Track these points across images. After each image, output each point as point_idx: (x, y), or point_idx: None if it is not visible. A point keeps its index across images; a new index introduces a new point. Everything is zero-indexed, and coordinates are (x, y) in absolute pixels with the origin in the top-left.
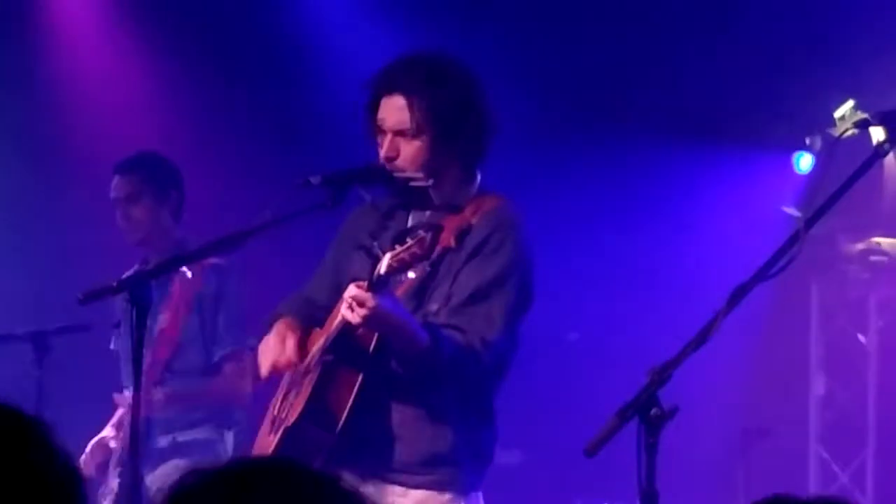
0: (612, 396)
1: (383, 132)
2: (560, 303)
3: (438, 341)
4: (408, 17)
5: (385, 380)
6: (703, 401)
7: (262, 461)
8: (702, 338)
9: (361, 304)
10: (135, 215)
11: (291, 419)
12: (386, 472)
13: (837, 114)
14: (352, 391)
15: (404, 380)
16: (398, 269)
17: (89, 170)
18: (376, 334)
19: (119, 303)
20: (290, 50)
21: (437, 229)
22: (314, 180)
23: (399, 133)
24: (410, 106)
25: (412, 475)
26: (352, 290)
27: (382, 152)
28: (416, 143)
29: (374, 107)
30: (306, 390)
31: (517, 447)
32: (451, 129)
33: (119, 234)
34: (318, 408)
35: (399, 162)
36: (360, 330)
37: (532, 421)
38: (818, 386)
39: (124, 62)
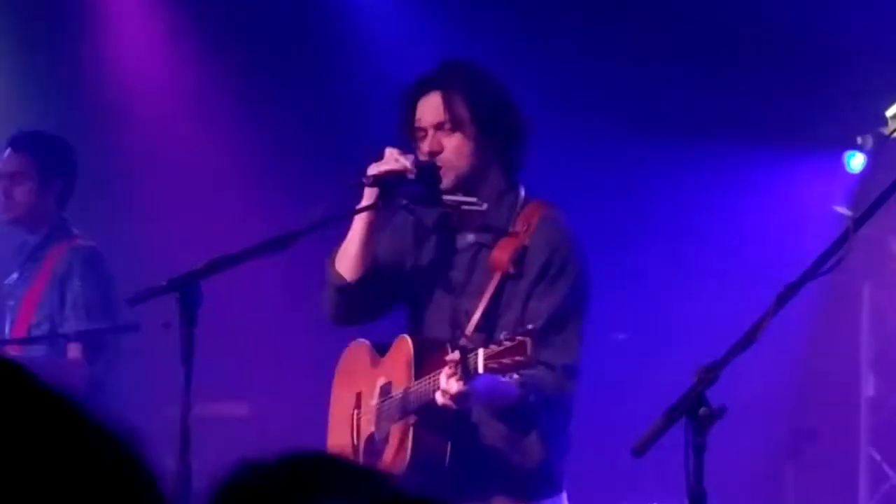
0: (659, 397)
1: (422, 131)
2: (607, 303)
3: (528, 395)
4: (447, 18)
5: (473, 430)
6: (752, 401)
7: (317, 457)
8: (750, 338)
9: (461, 399)
10: (15, 195)
11: (395, 470)
12: (486, 497)
13: (889, 112)
14: (445, 455)
15: (492, 423)
16: (497, 371)
17: (138, 170)
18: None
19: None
20: (338, 50)
21: (533, 334)
22: (367, 181)
23: (438, 127)
24: (447, 100)
25: (511, 494)
26: (451, 387)
27: (425, 147)
28: (458, 137)
29: (412, 112)
30: (403, 448)
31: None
32: (489, 125)
33: (169, 234)
34: (419, 467)
35: (445, 155)
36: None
37: (579, 422)
38: (868, 387)
39: (171, 62)
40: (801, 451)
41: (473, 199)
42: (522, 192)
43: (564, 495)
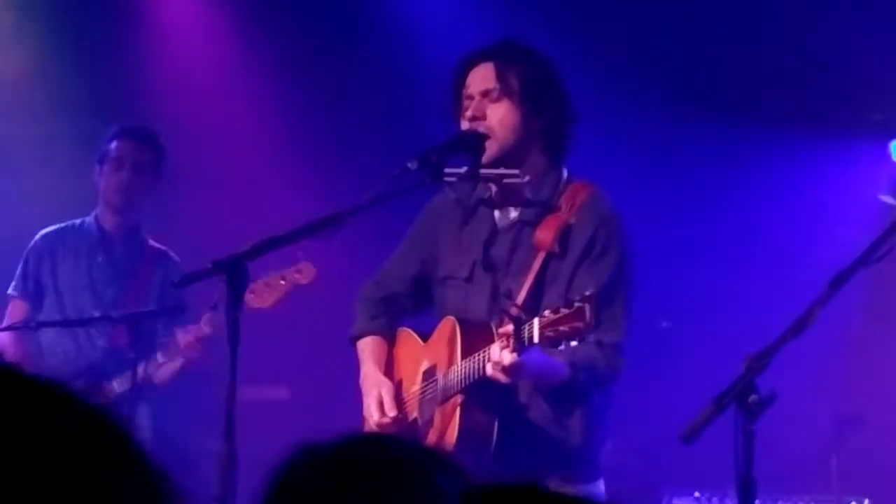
0: (702, 385)
1: (468, 98)
2: (652, 291)
3: (577, 373)
4: (501, 4)
5: (521, 409)
6: (797, 388)
7: (374, 439)
8: (801, 325)
9: (513, 370)
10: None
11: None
12: (531, 477)
13: None
14: (492, 434)
15: (539, 402)
16: (554, 339)
17: (186, 153)
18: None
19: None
20: (389, 36)
21: (591, 300)
22: (412, 165)
23: (485, 95)
24: (499, 70)
25: (554, 475)
26: (504, 358)
27: (468, 113)
28: (505, 105)
29: (462, 80)
30: (450, 428)
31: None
32: (538, 102)
33: (218, 217)
34: (465, 446)
35: (488, 122)
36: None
37: (621, 410)
38: None
39: (219, 45)
40: (845, 437)
41: (515, 172)
42: (565, 173)
43: (602, 482)
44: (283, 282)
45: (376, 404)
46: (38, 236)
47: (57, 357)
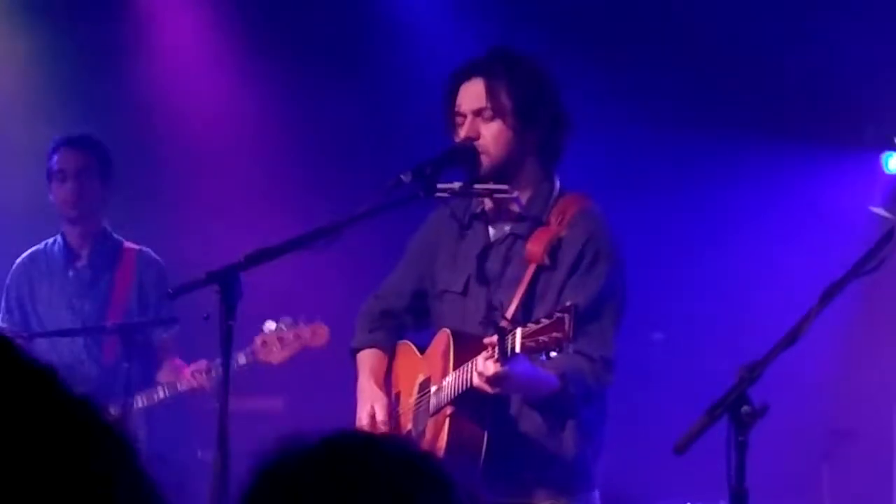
0: (695, 397)
1: (461, 116)
2: (645, 303)
3: (567, 385)
4: (489, 12)
5: (511, 421)
6: (789, 401)
7: (359, 439)
8: (793, 337)
9: (497, 381)
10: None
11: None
12: (523, 490)
13: None
14: (481, 446)
15: (530, 414)
16: (535, 349)
17: (179, 166)
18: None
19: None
20: (383, 46)
21: (571, 310)
22: (405, 178)
23: (477, 114)
24: (489, 87)
25: (546, 487)
26: (488, 368)
27: (462, 133)
28: (497, 125)
29: (453, 97)
30: (439, 439)
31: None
32: (529, 115)
33: (215, 233)
34: (455, 457)
35: (482, 142)
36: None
37: (615, 421)
38: None
39: (212, 58)
40: (837, 451)
41: (504, 187)
42: (558, 184)
43: (597, 493)
44: (296, 342)
45: (368, 418)
46: (14, 265)
47: None
